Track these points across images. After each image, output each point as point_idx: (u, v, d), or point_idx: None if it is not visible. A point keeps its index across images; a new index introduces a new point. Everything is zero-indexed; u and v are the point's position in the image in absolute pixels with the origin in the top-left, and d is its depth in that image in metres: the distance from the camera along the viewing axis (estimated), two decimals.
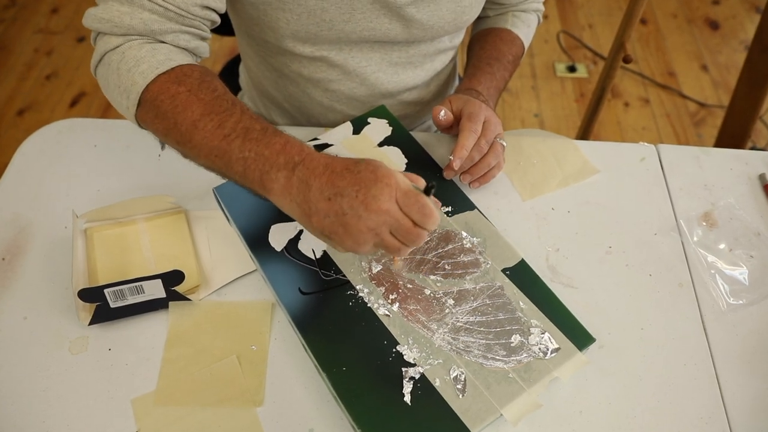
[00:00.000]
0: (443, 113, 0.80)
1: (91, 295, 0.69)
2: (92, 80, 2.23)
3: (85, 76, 2.21)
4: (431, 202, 0.59)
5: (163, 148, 0.90)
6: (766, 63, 1.25)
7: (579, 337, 0.67)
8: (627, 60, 1.11)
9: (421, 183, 0.63)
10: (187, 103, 0.65)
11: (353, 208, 0.57)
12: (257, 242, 0.74)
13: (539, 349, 0.66)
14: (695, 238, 0.79)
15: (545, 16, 2.46)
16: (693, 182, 0.87)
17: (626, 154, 0.90)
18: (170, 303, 0.72)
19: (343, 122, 0.86)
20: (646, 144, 0.91)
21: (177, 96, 0.65)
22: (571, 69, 2.28)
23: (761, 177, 0.87)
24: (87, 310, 0.72)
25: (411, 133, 0.85)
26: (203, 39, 0.74)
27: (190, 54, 0.73)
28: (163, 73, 0.66)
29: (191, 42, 0.72)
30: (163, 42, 0.69)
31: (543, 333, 0.67)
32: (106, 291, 0.69)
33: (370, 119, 0.86)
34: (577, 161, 0.88)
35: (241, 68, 1.09)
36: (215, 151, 0.64)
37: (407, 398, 0.63)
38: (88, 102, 2.13)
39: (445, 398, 0.63)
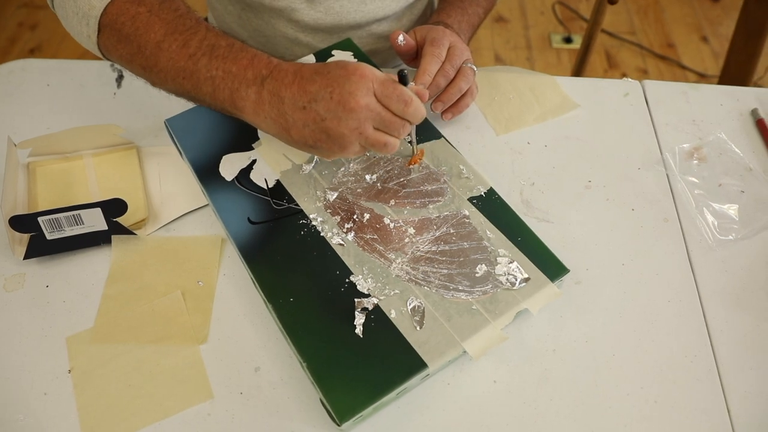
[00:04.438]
0: (402, 38, 0.74)
1: (24, 223, 0.64)
2: (76, 54, 2.18)
3: (69, 49, 2.16)
4: (409, 90, 0.55)
5: (119, 86, 0.86)
6: (763, 11, 1.18)
7: (551, 267, 0.61)
8: (612, 0, 1.05)
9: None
10: (149, 24, 0.61)
11: (330, 111, 0.54)
12: (208, 174, 0.69)
13: (507, 279, 0.60)
14: (682, 173, 0.74)
15: None
16: (680, 118, 0.81)
17: (609, 89, 0.84)
18: (113, 236, 0.67)
19: None
20: (629, 80, 0.85)
21: (137, 17, 0.61)
22: (567, 40, 2.22)
23: (754, 112, 0.81)
24: (22, 243, 0.66)
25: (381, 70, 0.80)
26: None
27: None
28: None
29: None
30: None
31: (511, 262, 0.61)
32: (40, 219, 0.64)
33: (334, 51, 0.80)
34: (556, 96, 0.82)
35: (209, 14, 1.04)
36: (182, 72, 0.60)
37: (358, 330, 0.57)
38: None
39: (400, 330, 0.57)
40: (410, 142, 0.68)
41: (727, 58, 1.38)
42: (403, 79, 0.57)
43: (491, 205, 0.66)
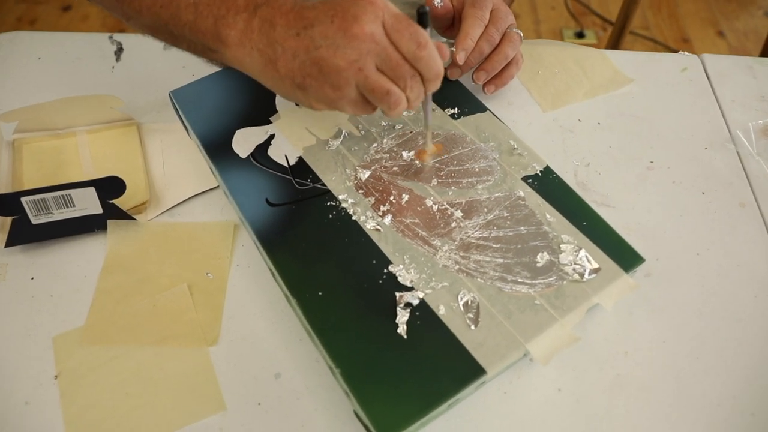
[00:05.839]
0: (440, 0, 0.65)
1: (5, 205, 0.55)
2: None
3: None
4: (426, 33, 0.46)
5: (118, 59, 0.78)
6: None
7: (624, 255, 0.52)
8: None
9: None
10: None
11: (328, 38, 0.45)
12: (218, 150, 0.60)
13: (573, 269, 0.51)
14: (758, 152, 0.65)
15: None
16: (747, 93, 0.72)
17: (664, 64, 0.75)
18: (109, 221, 0.58)
19: None
20: (687, 54, 0.77)
21: None
22: (579, 35, 2.14)
23: None
24: (3, 228, 0.57)
25: None
26: None
27: None
28: None
29: None
30: None
31: (578, 250, 0.52)
32: (23, 200, 0.55)
33: None
34: (607, 70, 0.73)
35: None
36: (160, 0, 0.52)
37: (401, 330, 0.48)
38: None
39: (452, 330, 0.48)
40: (425, 117, 0.57)
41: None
42: (422, 19, 0.48)
43: (549, 186, 0.57)
